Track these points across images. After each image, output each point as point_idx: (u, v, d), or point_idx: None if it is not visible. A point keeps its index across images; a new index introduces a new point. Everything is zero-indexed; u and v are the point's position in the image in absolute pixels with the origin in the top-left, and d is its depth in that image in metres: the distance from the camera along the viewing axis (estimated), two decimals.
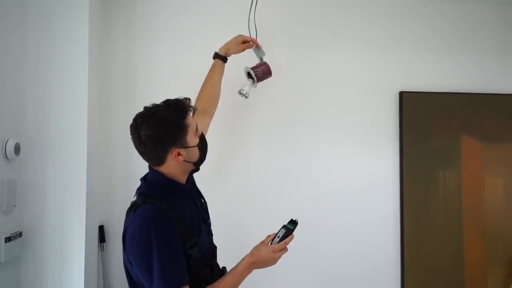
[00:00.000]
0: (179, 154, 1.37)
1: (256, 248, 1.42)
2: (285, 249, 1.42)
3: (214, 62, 1.92)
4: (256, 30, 2.02)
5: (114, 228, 2.27)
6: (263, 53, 1.98)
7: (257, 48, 1.93)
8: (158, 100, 1.43)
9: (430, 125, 2.49)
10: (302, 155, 2.43)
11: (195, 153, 1.41)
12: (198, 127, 1.43)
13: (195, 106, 1.47)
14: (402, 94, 2.48)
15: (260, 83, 1.99)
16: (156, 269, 1.23)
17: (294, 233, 1.44)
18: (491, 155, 2.54)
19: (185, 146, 1.37)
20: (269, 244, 1.43)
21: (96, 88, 2.18)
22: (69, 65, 2.03)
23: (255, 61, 2.03)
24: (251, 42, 1.95)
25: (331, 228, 2.41)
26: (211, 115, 1.84)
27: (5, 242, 1.78)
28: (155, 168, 1.42)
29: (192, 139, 1.39)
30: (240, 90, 1.90)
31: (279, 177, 2.40)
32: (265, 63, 1.95)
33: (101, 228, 2.24)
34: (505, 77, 2.60)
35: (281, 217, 2.33)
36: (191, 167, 1.46)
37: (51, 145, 2.01)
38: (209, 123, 1.83)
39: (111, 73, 2.31)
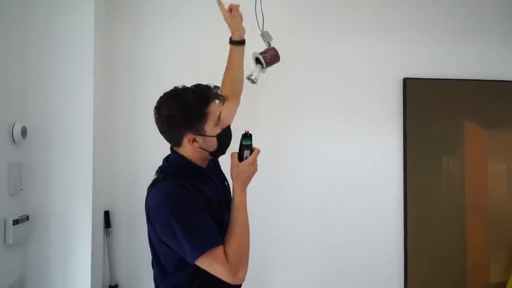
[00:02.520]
0: (194, 140, 1.35)
1: (236, 172, 1.34)
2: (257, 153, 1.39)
3: (230, 47, 1.87)
4: (263, 17, 2.01)
5: (119, 213, 2.29)
6: (271, 38, 1.97)
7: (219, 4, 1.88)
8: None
9: (433, 111, 2.50)
10: (305, 141, 2.44)
11: (212, 143, 1.38)
12: (222, 118, 1.40)
13: (224, 97, 1.47)
14: (406, 81, 2.48)
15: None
16: (184, 235, 1.24)
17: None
18: (494, 141, 2.55)
19: (202, 134, 1.35)
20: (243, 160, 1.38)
21: (102, 73, 2.19)
22: (75, 50, 2.04)
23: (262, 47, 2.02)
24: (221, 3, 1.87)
25: (334, 214, 2.43)
26: (236, 101, 1.81)
27: (13, 224, 1.79)
28: (175, 149, 1.43)
29: (211, 129, 1.36)
30: (249, 76, 1.88)
31: (283, 163, 2.41)
32: (273, 48, 1.93)
33: (106, 214, 2.25)
34: (509, 64, 2.60)
35: (284, 204, 2.39)
36: (208, 155, 1.42)
37: (57, 129, 2.02)
38: (235, 110, 1.80)
39: (117, 57, 2.32)
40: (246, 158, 1.35)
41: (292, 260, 2.40)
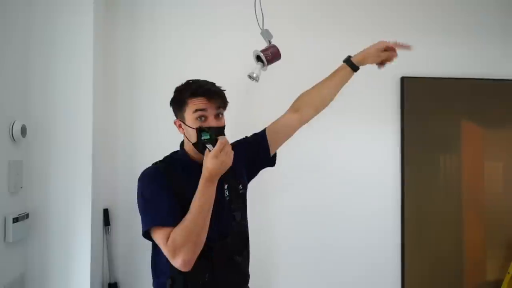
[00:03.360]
0: (180, 126, 1.48)
1: (204, 164, 1.35)
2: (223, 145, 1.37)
3: (341, 65, 1.74)
4: (262, 16, 2.02)
5: (118, 211, 2.30)
6: (271, 36, 1.97)
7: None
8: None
9: (431, 110, 2.52)
10: (302, 139, 2.42)
11: (192, 135, 1.42)
12: (206, 116, 1.41)
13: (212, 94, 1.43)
14: (404, 79, 2.50)
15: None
16: (142, 209, 1.42)
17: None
18: (491, 140, 2.57)
19: (183, 121, 1.45)
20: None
21: (101, 71, 2.19)
22: (74, 48, 2.04)
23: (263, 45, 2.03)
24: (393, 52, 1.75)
25: (331, 211, 2.44)
26: (301, 117, 1.69)
27: (13, 222, 1.80)
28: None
29: (191, 120, 1.42)
30: (250, 74, 1.88)
31: (279, 161, 2.41)
32: (274, 46, 1.93)
33: (105, 212, 2.26)
34: (506, 63, 2.61)
35: (280, 202, 2.39)
36: (194, 148, 1.45)
37: (57, 128, 2.03)
38: (292, 125, 1.69)
39: (116, 56, 2.33)
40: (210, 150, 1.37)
41: (289, 259, 2.42)
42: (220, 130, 1.44)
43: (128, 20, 2.35)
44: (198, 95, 1.42)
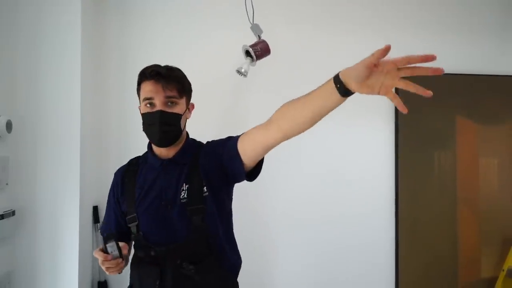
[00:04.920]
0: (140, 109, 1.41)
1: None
2: None
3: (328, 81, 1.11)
4: (253, 10, 1.99)
5: None
6: (261, 31, 1.95)
7: None
8: None
9: (426, 106, 2.48)
10: (296, 137, 2.42)
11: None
12: (154, 101, 1.32)
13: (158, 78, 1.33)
14: None
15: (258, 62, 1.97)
16: None
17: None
18: (486, 136, 2.55)
19: (140, 105, 1.40)
20: None
21: (90, 66, 2.16)
22: (62, 42, 2.01)
23: (252, 39, 2.00)
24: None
25: (325, 208, 2.41)
26: (267, 137, 1.26)
27: None
28: None
29: (142, 105, 1.37)
30: (238, 69, 1.86)
31: (273, 157, 2.39)
32: (264, 41, 1.91)
33: (95, 209, 2.22)
34: (501, 59, 2.59)
35: (275, 198, 2.37)
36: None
37: (44, 123, 1.99)
38: (259, 140, 1.28)
39: (105, 50, 2.29)
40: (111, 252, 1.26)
41: (285, 255, 2.39)
42: (170, 117, 1.32)
43: (119, 17, 2.31)
44: (148, 78, 1.33)
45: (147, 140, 1.41)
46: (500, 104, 2.56)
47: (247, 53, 1.90)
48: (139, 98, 1.38)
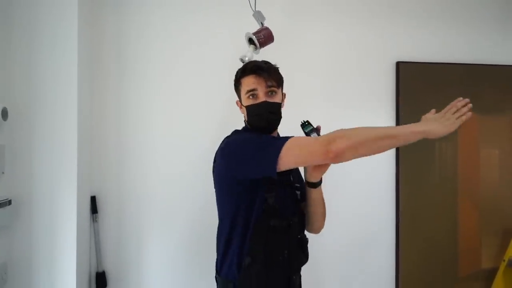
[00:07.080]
0: (241, 107, 1.50)
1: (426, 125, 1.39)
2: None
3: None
4: None
5: (106, 199, 2.23)
6: (263, 18, 1.91)
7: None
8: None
9: (426, 95, 2.47)
10: (295, 126, 2.39)
11: (245, 112, 1.47)
12: (257, 93, 1.42)
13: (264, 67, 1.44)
14: (399, 64, 2.45)
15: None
16: (259, 147, 1.36)
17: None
18: (487, 126, 2.53)
19: (240, 100, 1.50)
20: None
21: (87, 53, 2.12)
22: (58, 29, 1.97)
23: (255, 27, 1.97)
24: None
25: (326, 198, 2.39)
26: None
27: None
28: None
29: (244, 98, 1.45)
30: (242, 57, 1.81)
31: None
32: (267, 28, 1.87)
33: (93, 199, 2.19)
34: (502, 49, 2.57)
35: None
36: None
37: (41, 111, 1.96)
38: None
39: (105, 42, 2.25)
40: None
41: None
42: (274, 106, 1.42)
43: (114, 10, 2.26)
44: (248, 73, 1.43)
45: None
46: (501, 94, 2.54)
47: (250, 40, 1.87)
48: (239, 93, 1.48)
